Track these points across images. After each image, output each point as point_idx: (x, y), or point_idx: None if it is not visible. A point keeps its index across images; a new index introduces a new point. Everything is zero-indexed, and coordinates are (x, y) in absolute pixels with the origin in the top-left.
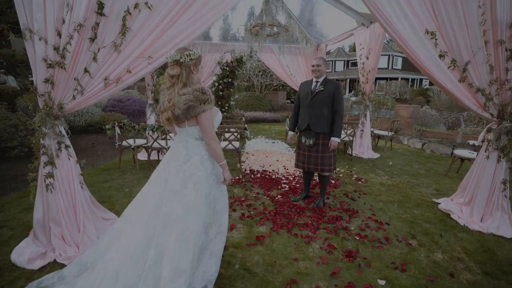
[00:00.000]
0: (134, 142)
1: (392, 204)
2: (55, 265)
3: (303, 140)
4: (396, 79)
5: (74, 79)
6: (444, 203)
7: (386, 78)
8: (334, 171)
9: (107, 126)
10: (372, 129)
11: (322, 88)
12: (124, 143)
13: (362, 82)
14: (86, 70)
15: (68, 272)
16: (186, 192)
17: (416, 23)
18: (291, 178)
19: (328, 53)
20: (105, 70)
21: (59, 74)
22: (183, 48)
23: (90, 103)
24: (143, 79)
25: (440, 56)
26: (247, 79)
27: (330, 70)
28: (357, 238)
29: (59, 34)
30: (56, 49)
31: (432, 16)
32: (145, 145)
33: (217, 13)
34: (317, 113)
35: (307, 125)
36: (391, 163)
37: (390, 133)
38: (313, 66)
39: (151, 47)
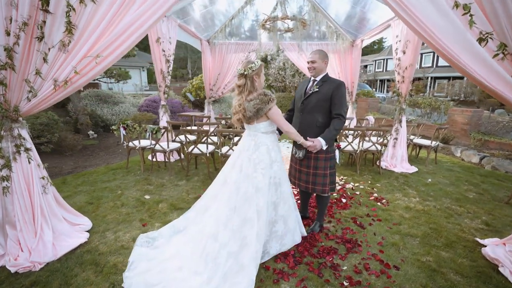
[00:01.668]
0: (139, 143)
1: (412, 239)
2: (4, 270)
3: (293, 152)
4: (461, 78)
5: (24, 80)
6: (491, 248)
7: (448, 78)
8: (331, 193)
9: (113, 127)
10: (412, 137)
11: (317, 89)
12: (131, 144)
13: (398, 81)
14: (37, 72)
15: (165, 232)
16: (255, 175)
17: None
18: (295, 192)
19: (380, 50)
20: (56, 72)
21: (12, 76)
22: (248, 61)
23: (45, 105)
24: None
25: (481, 40)
26: (281, 79)
27: (381, 70)
28: (346, 283)
29: (8, 34)
30: (6, 49)
31: None
32: (149, 147)
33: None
34: (308, 120)
35: None
36: (430, 180)
37: (434, 142)
38: (308, 63)
39: (98, 44)
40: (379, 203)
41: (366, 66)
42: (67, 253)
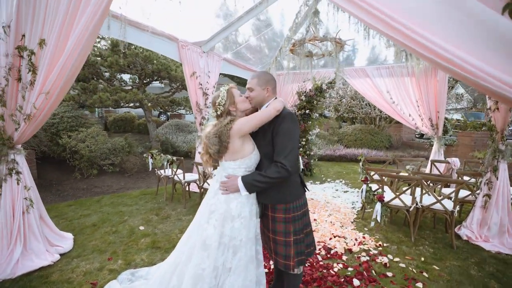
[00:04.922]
0: (165, 172)
1: None
2: None
3: None
4: None
5: (9, 115)
6: None
7: None
8: (295, 270)
9: (144, 155)
10: None
11: (257, 128)
12: (158, 172)
13: (489, 108)
14: (18, 108)
15: (152, 272)
16: (206, 227)
17: None
18: None
19: None
20: (26, 107)
21: (5, 112)
22: (214, 96)
23: (28, 135)
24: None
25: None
26: (353, 109)
27: None
28: None
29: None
30: (2, 91)
31: None
32: (170, 176)
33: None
34: (257, 169)
35: None
36: None
37: None
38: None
39: (47, 81)
40: None
41: None
42: (25, 273)
